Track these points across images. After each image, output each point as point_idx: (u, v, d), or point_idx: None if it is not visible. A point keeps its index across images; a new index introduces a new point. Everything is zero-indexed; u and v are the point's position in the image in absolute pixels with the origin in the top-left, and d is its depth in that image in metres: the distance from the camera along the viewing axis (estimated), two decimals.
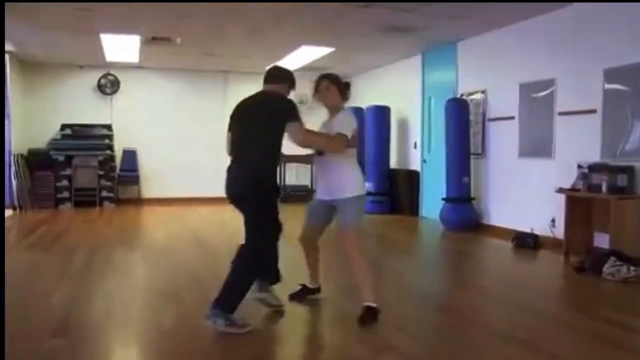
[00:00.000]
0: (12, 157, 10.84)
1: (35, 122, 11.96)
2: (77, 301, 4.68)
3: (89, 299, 4.79)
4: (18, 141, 11.21)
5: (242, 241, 4.06)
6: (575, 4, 6.93)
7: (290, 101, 4.17)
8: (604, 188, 6.23)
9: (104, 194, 12.03)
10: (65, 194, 11.72)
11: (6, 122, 10.65)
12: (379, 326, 4.04)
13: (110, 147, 12.28)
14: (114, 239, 8.18)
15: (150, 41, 9.58)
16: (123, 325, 4.17)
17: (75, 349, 3.56)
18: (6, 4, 7.18)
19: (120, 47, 10.08)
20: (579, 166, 6.63)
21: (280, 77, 4.36)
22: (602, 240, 6.43)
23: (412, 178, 10.80)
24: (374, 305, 4.10)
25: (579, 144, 6.93)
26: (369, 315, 4.05)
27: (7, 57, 10.52)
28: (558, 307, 4.98)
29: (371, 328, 3.99)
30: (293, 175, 13.25)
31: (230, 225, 9.55)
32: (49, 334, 3.78)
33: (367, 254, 4.41)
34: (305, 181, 13.30)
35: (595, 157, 6.61)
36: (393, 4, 7.11)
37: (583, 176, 6.54)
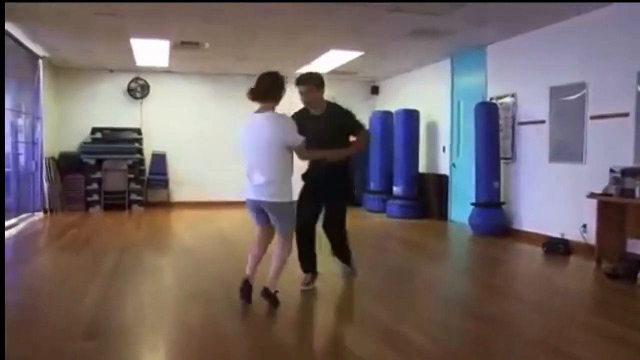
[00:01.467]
0: (43, 161, 11.02)
1: (66, 126, 12.16)
2: (107, 303, 4.73)
3: (118, 301, 4.83)
4: (50, 144, 11.39)
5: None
6: (607, 6, 6.81)
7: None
8: (637, 193, 6.09)
9: (134, 197, 12.15)
10: (95, 197, 11.86)
11: (38, 125, 10.86)
12: (409, 330, 4.02)
13: (140, 151, 12.41)
14: (143, 242, 8.24)
15: (179, 46, 9.66)
16: (151, 327, 4.19)
17: (103, 351, 3.58)
18: (38, 13, 7.35)
19: (150, 51, 10.19)
20: (612, 170, 6.48)
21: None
22: (636, 247, 6.28)
23: (441, 182, 10.71)
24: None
25: (611, 148, 6.80)
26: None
27: (40, 62, 10.71)
28: (589, 314, 4.87)
29: (401, 332, 3.96)
30: None
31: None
32: (79, 336, 3.82)
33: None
34: None
35: (628, 161, 6.46)
36: (422, 8, 7.06)
37: (615, 181, 6.39)
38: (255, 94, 4.48)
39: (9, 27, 8.45)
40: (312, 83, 4.94)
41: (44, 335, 3.87)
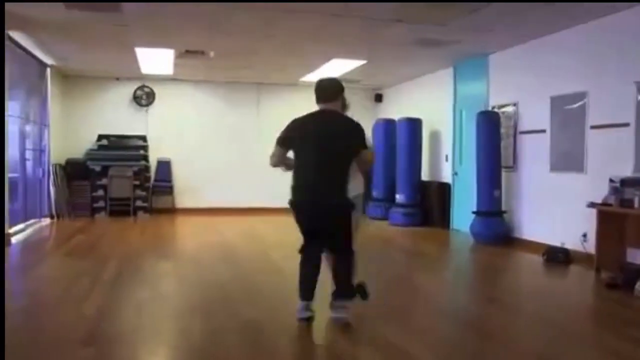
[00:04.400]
0: (50, 167, 11.14)
1: (73, 133, 12.28)
2: (107, 311, 4.79)
3: (119, 308, 4.89)
4: (57, 151, 11.51)
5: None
6: (607, 15, 6.86)
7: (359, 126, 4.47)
8: (636, 203, 6.11)
9: (139, 203, 12.25)
10: (101, 204, 11.97)
11: (45, 132, 10.99)
12: (407, 344, 4.04)
13: (145, 158, 12.52)
14: (146, 249, 8.31)
15: (184, 54, 9.76)
16: (150, 336, 4.24)
17: (100, 358, 3.65)
18: (46, 24, 7.46)
19: (155, 60, 10.30)
20: (611, 180, 6.51)
21: (335, 94, 4.53)
22: (635, 256, 6.31)
23: (444, 190, 10.76)
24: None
25: (611, 157, 6.83)
26: None
27: (48, 70, 10.85)
28: (587, 325, 4.88)
29: (398, 345, 4.00)
30: None
31: (260, 236, 9.69)
32: (77, 343, 3.88)
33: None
34: None
35: (627, 171, 6.50)
36: (425, 18, 7.13)
37: (615, 190, 6.42)
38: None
39: (18, 37, 8.59)
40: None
41: (44, 340, 3.94)
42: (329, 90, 4.52)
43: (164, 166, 12.83)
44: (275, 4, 6.65)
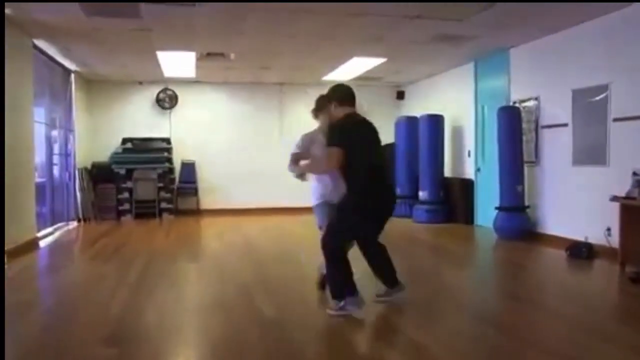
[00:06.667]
0: (76, 171, 11.32)
1: (98, 137, 12.48)
2: (131, 311, 4.86)
3: (142, 309, 4.96)
4: (82, 155, 11.70)
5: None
6: (628, 6, 6.76)
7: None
8: None
9: (164, 205, 12.37)
10: (127, 206, 12.11)
11: (70, 137, 11.18)
12: (429, 341, 4.04)
13: (169, 160, 12.65)
14: (171, 250, 8.40)
15: (205, 57, 9.85)
16: (173, 336, 4.29)
17: (124, 358, 3.71)
18: (69, 30, 7.58)
19: (177, 63, 10.40)
20: (634, 173, 6.44)
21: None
22: None
23: (467, 186, 10.70)
24: None
25: (634, 150, 6.73)
26: None
27: (72, 76, 11.03)
28: (610, 321, 4.78)
29: (420, 342, 4.01)
30: None
31: (284, 236, 9.75)
32: (101, 343, 3.96)
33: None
34: None
35: None
36: (444, 14, 7.11)
37: (638, 184, 6.35)
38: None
39: (42, 44, 8.75)
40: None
41: (68, 341, 4.03)
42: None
43: (188, 168, 12.94)
44: (292, 4, 6.69)
